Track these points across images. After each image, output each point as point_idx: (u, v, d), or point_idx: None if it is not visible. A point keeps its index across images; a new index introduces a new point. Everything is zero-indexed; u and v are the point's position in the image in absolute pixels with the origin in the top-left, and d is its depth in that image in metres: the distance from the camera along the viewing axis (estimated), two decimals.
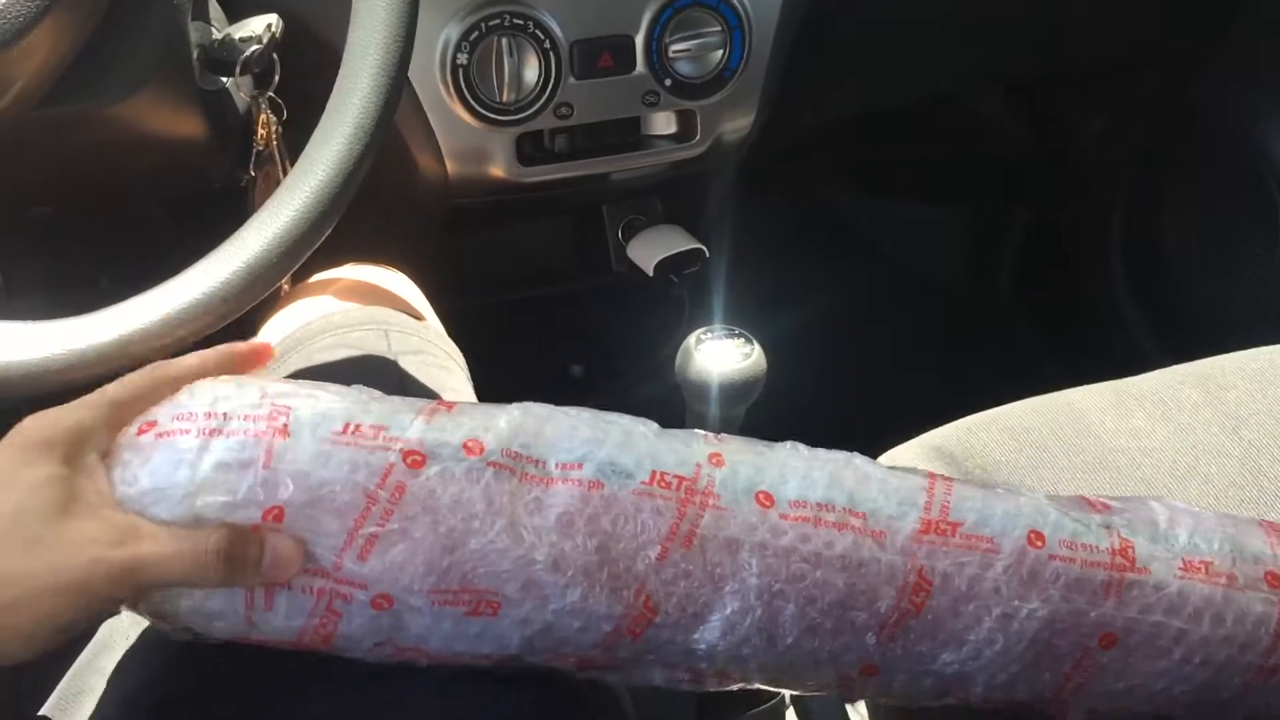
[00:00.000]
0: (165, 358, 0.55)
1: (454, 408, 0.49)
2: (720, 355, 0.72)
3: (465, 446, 0.47)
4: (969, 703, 0.52)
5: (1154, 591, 0.50)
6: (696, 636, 0.47)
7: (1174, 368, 0.77)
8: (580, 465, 0.47)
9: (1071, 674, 0.50)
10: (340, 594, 0.45)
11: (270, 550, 0.44)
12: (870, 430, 0.69)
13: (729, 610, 0.47)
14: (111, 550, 0.43)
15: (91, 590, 0.42)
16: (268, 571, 0.45)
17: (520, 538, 0.46)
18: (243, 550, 0.44)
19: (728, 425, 0.73)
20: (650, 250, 1.00)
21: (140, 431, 0.46)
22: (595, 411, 0.51)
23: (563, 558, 0.46)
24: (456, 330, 0.85)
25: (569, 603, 0.46)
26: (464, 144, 0.85)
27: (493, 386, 0.82)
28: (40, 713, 0.56)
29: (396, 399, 0.50)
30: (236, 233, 0.60)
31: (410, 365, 0.73)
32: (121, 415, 0.47)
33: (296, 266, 0.61)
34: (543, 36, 0.82)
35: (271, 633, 0.47)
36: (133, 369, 0.50)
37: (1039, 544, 0.49)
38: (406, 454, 0.46)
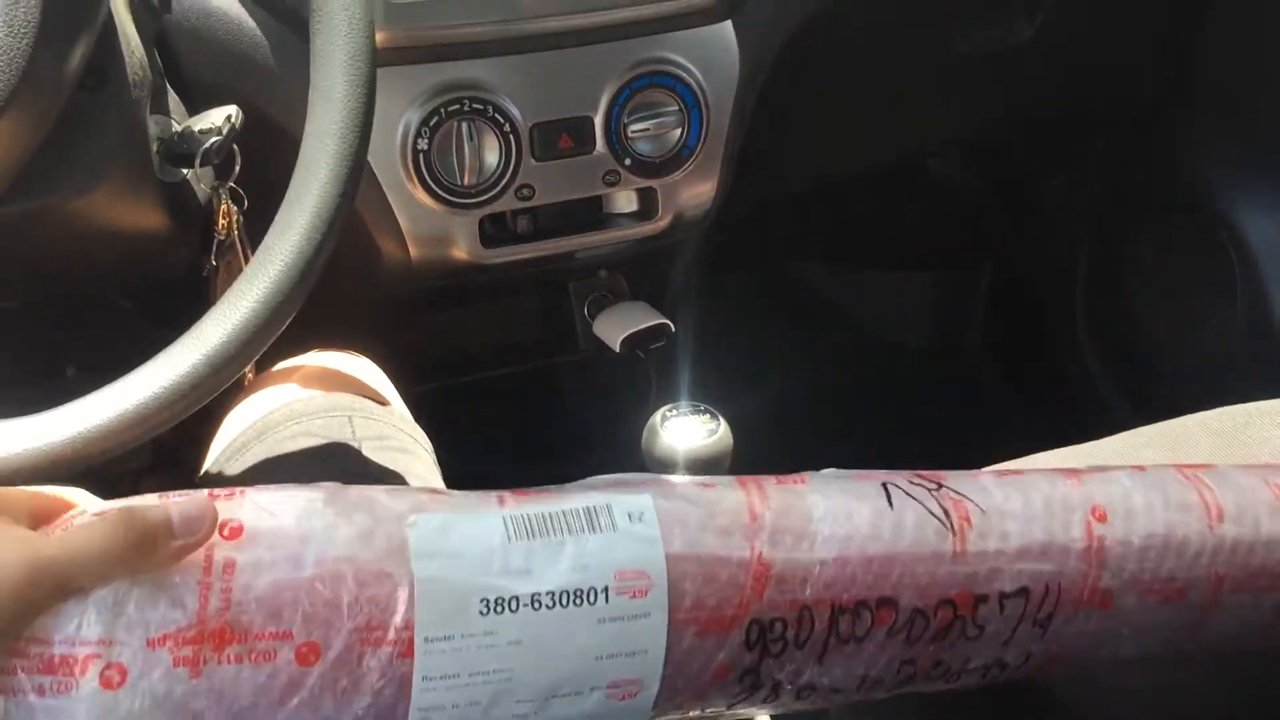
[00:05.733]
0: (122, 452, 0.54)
1: None
2: (686, 432, 0.72)
3: None
4: None
5: None
6: None
7: (1138, 430, 0.78)
8: None
9: None
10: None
11: (177, 511, 0.41)
12: None
13: None
14: (18, 553, 0.39)
15: (5, 599, 0.38)
16: (181, 530, 0.41)
17: None
18: (145, 519, 0.41)
19: None
20: (616, 327, 1.00)
21: None
22: None
23: None
24: (423, 413, 0.84)
25: None
26: (426, 227, 0.85)
27: (460, 469, 0.82)
28: None
29: None
30: (196, 325, 0.60)
31: (374, 452, 0.73)
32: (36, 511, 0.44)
33: (257, 357, 0.61)
34: (502, 120, 0.83)
35: None
36: (89, 466, 0.49)
37: None
38: None
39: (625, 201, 0.92)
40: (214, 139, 0.71)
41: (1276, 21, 1.13)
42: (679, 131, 0.88)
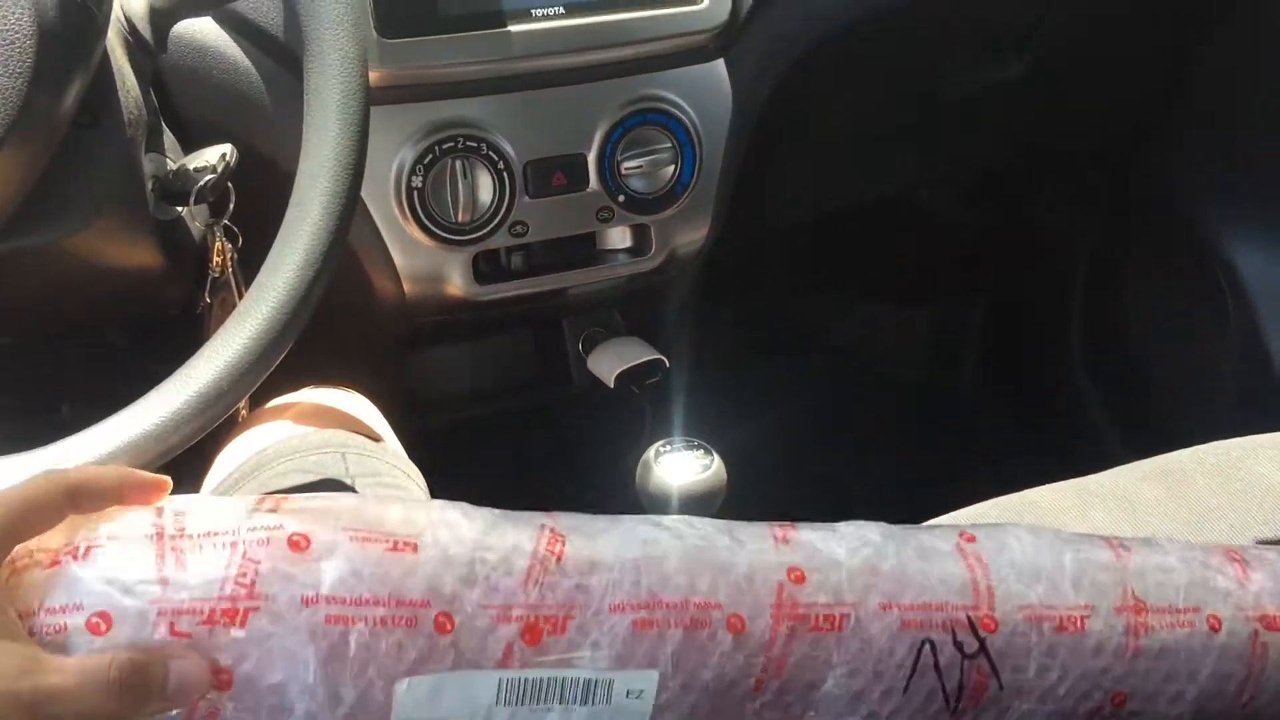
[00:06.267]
0: None
1: None
2: (680, 467, 0.72)
3: None
4: None
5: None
6: None
7: (1134, 464, 0.78)
8: None
9: None
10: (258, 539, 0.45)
11: (175, 673, 0.43)
12: None
13: None
14: (16, 683, 0.40)
15: None
16: (174, 695, 0.43)
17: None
18: (144, 676, 0.42)
19: None
20: (610, 362, 1.01)
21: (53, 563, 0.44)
22: None
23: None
24: (416, 450, 0.84)
25: (483, 527, 0.47)
26: (420, 264, 0.86)
27: None
28: None
29: None
30: (188, 362, 0.60)
31: (367, 488, 0.72)
32: (17, 527, 0.44)
33: (248, 394, 0.61)
34: (496, 158, 0.83)
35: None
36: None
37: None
38: None
39: (619, 238, 0.92)
40: (209, 177, 0.72)
41: (1272, 54, 1.14)
42: (672, 168, 0.88)
